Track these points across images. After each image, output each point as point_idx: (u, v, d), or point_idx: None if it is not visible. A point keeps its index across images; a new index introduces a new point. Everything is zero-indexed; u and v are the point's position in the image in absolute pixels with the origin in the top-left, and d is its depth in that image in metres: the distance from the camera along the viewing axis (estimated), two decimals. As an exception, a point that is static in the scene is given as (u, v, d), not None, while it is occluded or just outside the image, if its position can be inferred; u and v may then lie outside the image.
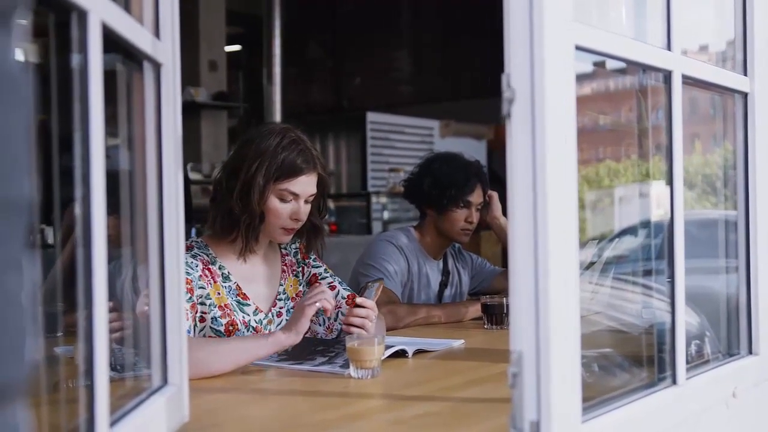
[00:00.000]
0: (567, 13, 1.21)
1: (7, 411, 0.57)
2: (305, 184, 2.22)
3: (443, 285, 3.14)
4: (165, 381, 1.37)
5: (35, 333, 0.61)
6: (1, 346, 0.57)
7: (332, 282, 2.41)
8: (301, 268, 2.41)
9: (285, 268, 2.38)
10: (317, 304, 2.01)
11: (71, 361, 1.49)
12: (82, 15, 0.99)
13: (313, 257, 2.44)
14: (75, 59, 1.02)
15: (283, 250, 2.41)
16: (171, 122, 1.37)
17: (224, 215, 2.21)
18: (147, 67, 1.34)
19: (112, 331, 1.19)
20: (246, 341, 2.04)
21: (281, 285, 2.35)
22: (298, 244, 2.43)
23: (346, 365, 1.91)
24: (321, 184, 2.27)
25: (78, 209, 1.02)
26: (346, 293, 2.38)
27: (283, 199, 2.20)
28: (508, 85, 1.18)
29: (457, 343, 2.36)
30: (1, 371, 0.57)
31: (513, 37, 1.18)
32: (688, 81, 1.58)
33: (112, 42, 1.11)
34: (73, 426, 1.05)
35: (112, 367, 1.18)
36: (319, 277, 2.41)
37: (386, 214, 7.66)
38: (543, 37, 1.16)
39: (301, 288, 2.39)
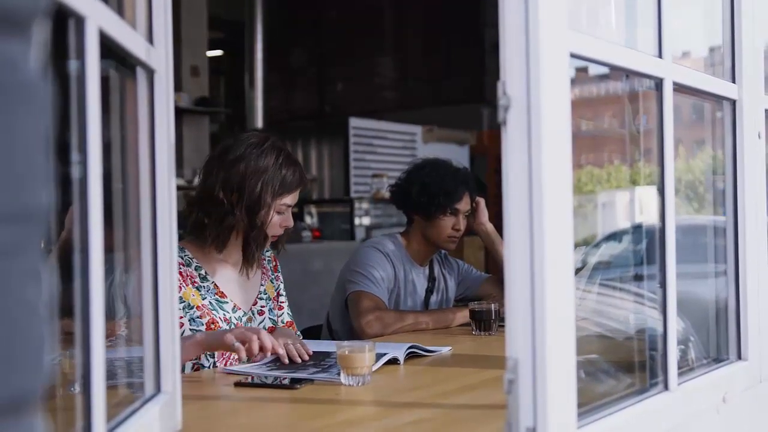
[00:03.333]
0: (562, 21, 1.21)
1: (28, 420, 0.57)
2: (297, 195, 2.35)
3: (429, 291, 3.13)
4: (158, 389, 1.36)
5: (53, 343, 0.60)
6: (22, 356, 0.56)
7: (283, 303, 2.51)
8: (275, 276, 2.51)
9: (265, 270, 2.47)
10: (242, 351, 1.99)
11: (58, 368, 1.48)
12: (80, 21, 0.99)
13: (279, 273, 2.54)
14: (71, 65, 1.01)
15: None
16: (164, 128, 1.37)
17: (227, 231, 2.27)
18: (140, 73, 1.33)
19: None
20: None
21: (262, 285, 2.43)
22: (271, 253, 2.52)
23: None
24: (302, 189, 2.39)
25: (75, 215, 1.01)
26: (287, 319, 2.47)
27: (279, 212, 2.30)
28: (503, 93, 1.18)
29: (446, 350, 2.36)
30: (22, 381, 0.56)
31: (509, 45, 1.18)
32: (678, 88, 1.59)
33: (107, 48, 1.11)
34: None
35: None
36: (280, 293, 2.52)
37: (369, 220, 7.65)
38: (539, 44, 1.16)
39: (276, 293, 2.48)
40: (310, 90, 10.30)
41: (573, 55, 1.25)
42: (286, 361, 2.06)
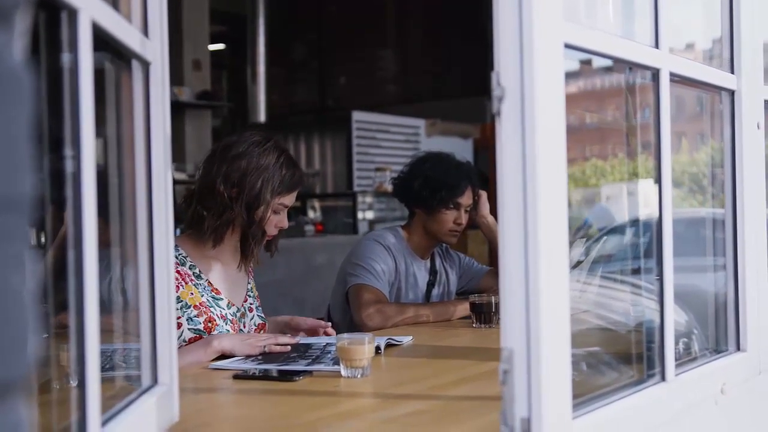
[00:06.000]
0: (556, 12, 1.21)
1: (10, 407, 0.57)
2: (294, 197, 2.38)
3: (431, 284, 3.14)
4: (155, 381, 1.37)
5: (37, 330, 0.61)
6: (5, 343, 0.57)
7: (257, 304, 2.52)
8: (252, 277, 2.55)
9: (250, 270, 2.50)
10: (265, 349, 2.14)
11: (57, 361, 1.48)
12: (73, 13, 0.99)
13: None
14: (64, 58, 1.02)
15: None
16: (160, 121, 1.37)
17: (225, 225, 2.29)
18: (135, 65, 1.33)
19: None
20: (186, 356, 2.09)
21: (249, 283, 2.48)
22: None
23: (336, 363, 1.91)
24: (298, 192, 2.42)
25: (68, 210, 1.01)
26: (258, 321, 2.47)
27: (275, 212, 2.33)
28: (497, 83, 1.18)
29: (407, 339, 2.38)
30: (5, 368, 0.57)
31: (502, 35, 1.18)
32: (676, 79, 1.59)
33: (101, 40, 1.11)
34: (64, 426, 1.05)
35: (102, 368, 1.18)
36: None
37: (372, 214, 7.65)
38: (532, 35, 1.16)
39: (257, 292, 2.53)
40: (312, 84, 10.31)
41: (568, 46, 1.25)
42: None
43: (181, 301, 2.22)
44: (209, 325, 2.24)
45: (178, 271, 2.25)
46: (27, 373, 0.60)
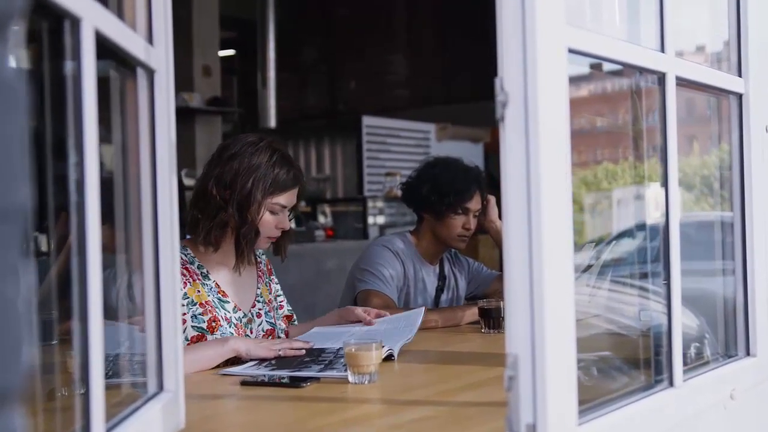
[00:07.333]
0: (559, 16, 1.21)
1: (4, 417, 0.57)
2: (293, 196, 2.35)
3: (440, 290, 3.13)
4: (161, 387, 1.37)
5: (32, 339, 0.61)
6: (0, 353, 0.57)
7: (283, 301, 2.56)
8: (270, 279, 2.54)
9: (260, 274, 2.49)
10: (280, 353, 2.14)
11: (64, 368, 1.49)
12: (75, 22, 0.99)
13: (273, 276, 2.57)
14: (68, 66, 1.02)
15: (256, 258, 2.50)
16: (165, 128, 1.37)
17: (218, 227, 2.28)
18: (140, 73, 1.33)
19: None
20: (200, 350, 2.09)
21: (258, 288, 2.46)
22: (265, 256, 2.56)
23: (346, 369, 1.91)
24: (299, 193, 2.39)
25: (72, 216, 1.01)
26: (267, 327, 2.45)
27: (272, 212, 2.32)
28: (501, 89, 1.18)
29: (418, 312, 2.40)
30: (0, 376, 0.57)
31: (505, 41, 1.18)
32: (682, 83, 1.58)
33: (105, 48, 1.11)
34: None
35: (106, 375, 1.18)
36: (277, 294, 2.55)
37: (383, 219, 7.64)
38: (535, 40, 1.16)
39: (270, 296, 2.51)
40: (322, 88, 10.30)
41: (571, 51, 1.25)
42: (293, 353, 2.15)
43: (188, 297, 2.22)
44: (213, 324, 2.24)
45: (186, 268, 2.26)
46: (22, 381, 0.60)
